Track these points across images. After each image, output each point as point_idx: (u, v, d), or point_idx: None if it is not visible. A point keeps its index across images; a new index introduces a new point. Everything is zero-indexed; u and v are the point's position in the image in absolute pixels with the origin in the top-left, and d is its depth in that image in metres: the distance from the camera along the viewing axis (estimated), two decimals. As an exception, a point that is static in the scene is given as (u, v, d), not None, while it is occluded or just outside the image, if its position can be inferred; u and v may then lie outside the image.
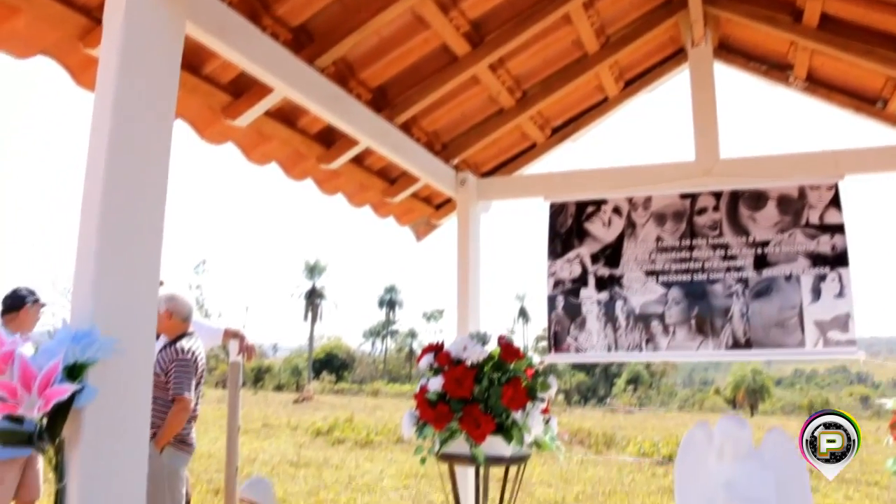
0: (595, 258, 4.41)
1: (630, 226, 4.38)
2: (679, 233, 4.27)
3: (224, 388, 28.37)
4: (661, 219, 4.33)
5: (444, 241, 5.31)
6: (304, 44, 3.32)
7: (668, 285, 4.23)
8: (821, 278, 3.98)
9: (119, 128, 2.03)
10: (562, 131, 4.96)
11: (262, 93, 3.23)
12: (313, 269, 77.88)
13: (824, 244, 4.02)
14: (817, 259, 4.01)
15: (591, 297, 4.37)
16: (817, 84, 4.42)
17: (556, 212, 4.57)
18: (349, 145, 3.94)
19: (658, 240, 4.31)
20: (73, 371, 1.76)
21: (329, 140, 3.98)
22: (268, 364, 58.01)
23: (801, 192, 4.13)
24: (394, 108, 4.01)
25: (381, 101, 3.97)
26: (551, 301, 4.47)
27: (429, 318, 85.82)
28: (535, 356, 3.29)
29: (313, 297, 76.63)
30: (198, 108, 3.22)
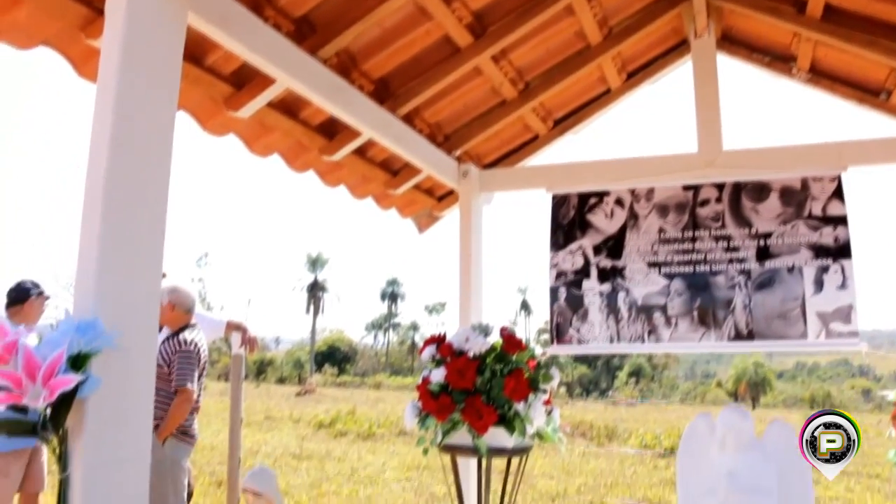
0: (597, 250, 4.41)
1: (632, 217, 4.38)
2: (681, 224, 4.27)
3: (226, 381, 28.40)
4: (663, 210, 4.32)
5: (446, 233, 5.30)
6: (306, 35, 3.30)
7: (671, 277, 4.23)
8: (823, 270, 3.97)
9: (121, 119, 2.03)
10: (564, 123, 4.95)
11: (264, 84, 3.22)
12: (315, 262, 77.95)
13: (827, 236, 4.01)
14: (820, 251, 4.00)
15: (593, 289, 4.37)
16: (820, 75, 4.41)
17: (559, 203, 4.57)
18: (351, 137, 3.93)
19: (660, 231, 4.30)
20: (77, 361, 1.77)
21: (331, 131, 3.98)
22: (270, 357, 58.07)
23: (804, 183, 4.12)
24: (396, 99, 4.01)
25: (384, 93, 3.96)
26: (553, 293, 4.46)
27: (431, 310, 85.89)
28: (537, 348, 3.30)
29: (315, 290, 76.71)
30: (200, 99, 3.21)
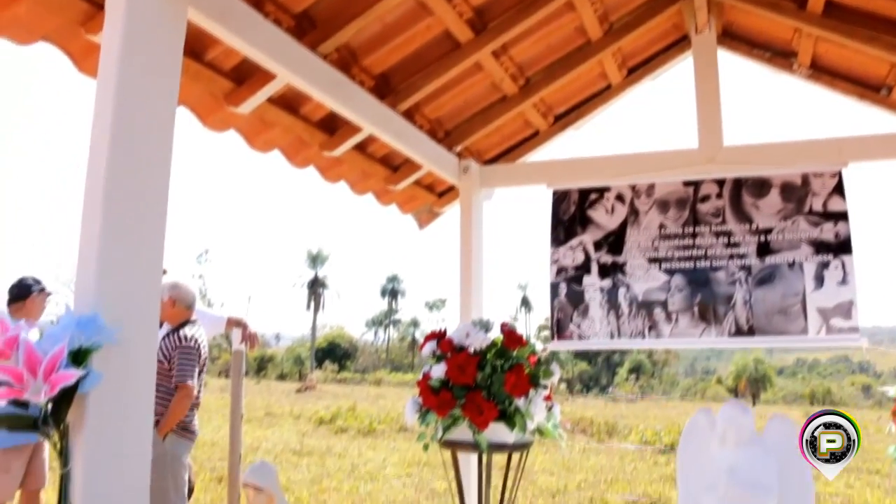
0: (598, 245, 4.40)
1: (633, 213, 4.37)
2: (682, 220, 4.26)
3: (227, 377, 28.43)
4: (664, 206, 4.32)
5: (446, 229, 5.30)
6: (306, 30, 3.30)
7: (671, 272, 4.22)
8: (824, 266, 3.96)
9: (121, 115, 2.02)
10: (565, 119, 4.95)
11: (264, 79, 3.22)
12: (316, 259, 78.00)
13: (827, 231, 4.00)
14: (820, 246, 4.00)
15: (593, 285, 4.36)
16: (821, 71, 4.40)
17: (559, 199, 4.56)
18: (352, 132, 3.93)
19: (661, 227, 4.30)
20: (78, 356, 1.77)
21: (332, 127, 3.97)
22: (270, 353, 58.15)
23: (805, 179, 4.12)
24: (397, 95, 4.00)
25: (384, 88, 3.96)
26: (554, 288, 4.46)
27: (431, 307, 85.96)
28: (537, 343, 3.30)
29: (316, 287, 76.76)
30: (200, 94, 3.20)
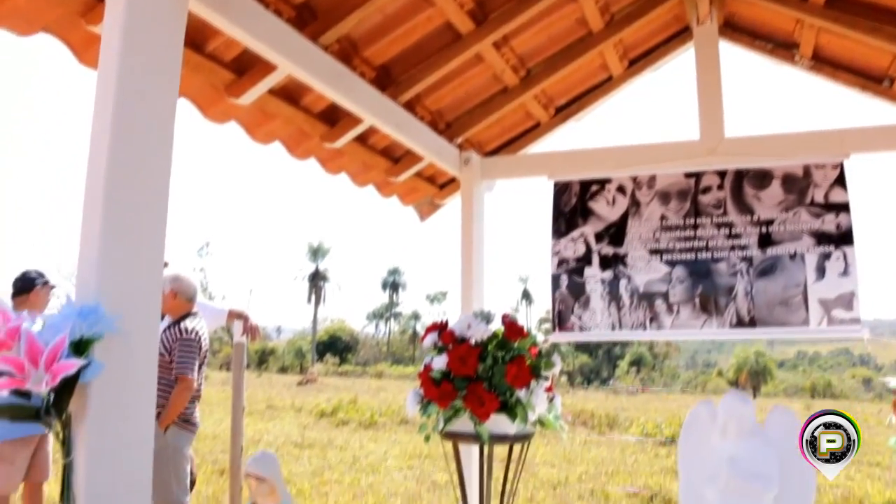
0: (599, 237, 4.40)
1: (634, 204, 4.37)
2: (683, 211, 4.26)
3: (228, 371, 28.47)
4: (665, 198, 4.31)
5: (447, 221, 5.30)
6: (307, 21, 3.29)
7: (673, 264, 4.22)
8: (825, 257, 3.96)
9: (122, 106, 2.01)
10: (566, 110, 4.93)
11: (265, 70, 3.21)
12: (317, 252, 78.10)
13: (829, 223, 4.00)
14: (822, 237, 3.99)
15: (594, 276, 4.36)
16: (823, 62, 4.38)
17: (560, 191, 4.55)
18: (353, 124, 3.92)
19: (662, 218, 4.29)
20: (80, 346, 1.77)
21: (333, 119, 3.96)
22: (271, 346, 58.25)
23: (807, 170, 4.11)
24: (398, 86, 3.99)
25: (385, 80, 3.95)
26: (555, 280, 4.46)
27: (432, 300, 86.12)
28: (539, 335, 3.30)
29: (317, 280, 76.88)
30: (201, 86, 3.19)
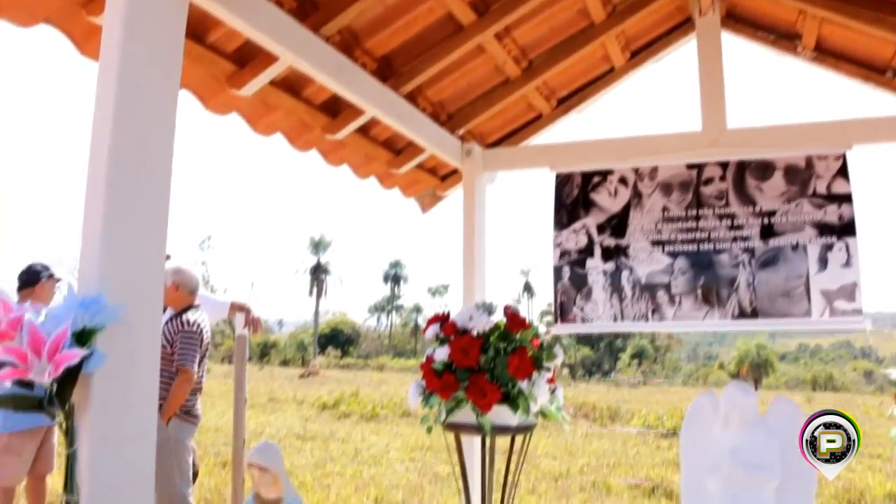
0: (601, 228, 4.39)
1: (636, 196, 4.36)
2: (685, 203, 4.25)
3: (230, 363, 28.53)
4: (667, 189, 4.30)
5: (449, 213, 5.29)
6: (308, 12, 3.28)
7: (675, 255, 4.22)
8: (828, 248, 3.95)
9: (124, 97, 2.01)
10: (568, 102, 4.92)
11: (266, 61, 3.20)
12: (318, 245, 78.09)
13: (831, 214, 3.99)
14: (824, 228, 3.99)
15: (597, 268, 4.36)
16: (826, 53, 4.37)
17: (562, 182, 4.55)
18: (355, 115, 3.91)
19: (664, 210, 4.29)
20: (82, 337, 1.77)
21: (334, 110, 3.95)
22: (273, 339, 58.38)
23: (809, 161, 4.10)
24: (399, 77, 3.98)
25: (387, 71, 3.94)
26: (557, 272, 4.46)
27: (434, 292, 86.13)
28: (541, 326, 3.30)
29: (318, 273, 76.90)
30: (202, 77, 3.19)
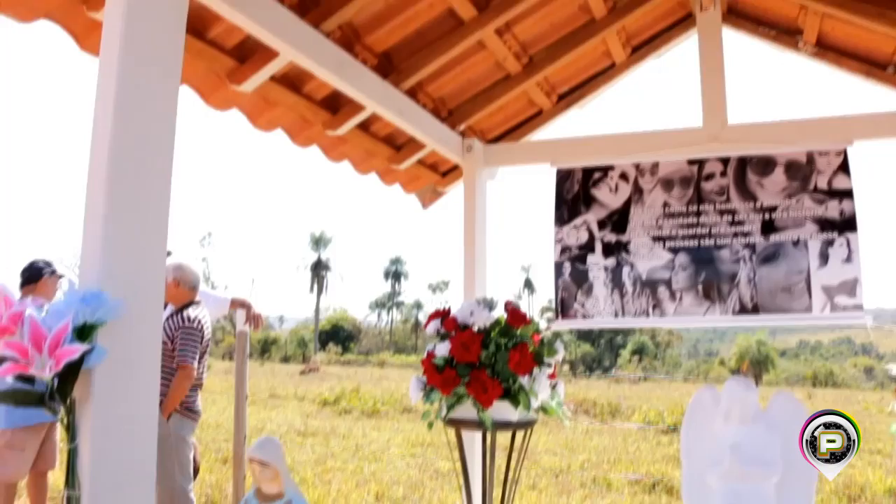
0: (602, 224, 4.39)
1: (637, 192, 4.36)
2: (686, 199, 4.25)
3: (231, 360, 28.52)
4: (668, 185, 4.30)
5: (450, 210, 5.29)
6: (309, 7, 3.27)
7: (675, 251, 4.21)
8: (828, 243, 3.95)
9: (124, 93, 2.00)
10: (568, 97, 4.92)
11: (267, 57, 3.20)
12: (319, 241, 78.10)
13: (832, 209, 3.99)
14: (825, 224, 3.98)
15: (597, 264, 4.36)
16: (827, 49, 4.36)
17: (563, 178, 4.55)
18: (355, 111, 3.91)
19: (665, 206, 4.28)
20: (83, 332, 1.77)
21: (335, 106, 3.95)
22: (274, 336, 58.36)
23: (810, 157, 4.09)
24: (400, 73, 3.98)
25: (387, 67, 3.94)
26: (558, 267, 4.46)
27: (434, 289, 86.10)
28: (542, 322, 3.30)
29: (319, 269, 76.91)
30: (203, 73, 3.19)
